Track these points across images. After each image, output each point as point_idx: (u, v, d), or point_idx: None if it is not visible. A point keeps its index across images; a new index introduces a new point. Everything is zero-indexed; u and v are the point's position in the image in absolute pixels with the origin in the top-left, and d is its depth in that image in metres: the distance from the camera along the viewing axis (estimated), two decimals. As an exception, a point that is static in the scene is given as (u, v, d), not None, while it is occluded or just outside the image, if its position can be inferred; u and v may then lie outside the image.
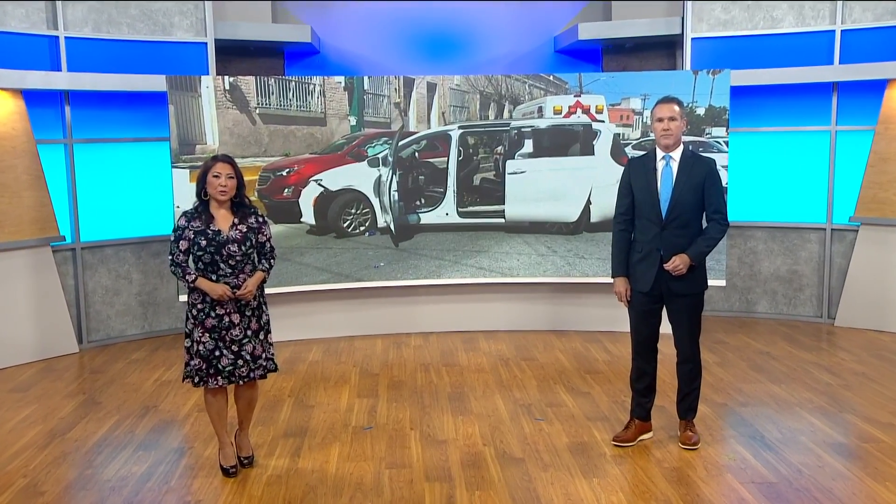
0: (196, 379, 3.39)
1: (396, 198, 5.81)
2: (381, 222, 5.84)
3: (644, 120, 5.59)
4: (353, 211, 5.77)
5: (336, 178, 5.76)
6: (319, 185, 5.71)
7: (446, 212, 5.89)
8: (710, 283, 5.59)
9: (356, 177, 5.78)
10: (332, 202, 5.77)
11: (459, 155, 5.83)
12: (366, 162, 5.76)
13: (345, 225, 5.76)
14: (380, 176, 5.75)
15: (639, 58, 6.76)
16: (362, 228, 5.83)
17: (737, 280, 6.64)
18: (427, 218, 5.88)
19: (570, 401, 4.47)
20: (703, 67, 6.10)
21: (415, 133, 5.82)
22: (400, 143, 5.77)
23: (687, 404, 3.76)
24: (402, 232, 5.86)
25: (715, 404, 4.34)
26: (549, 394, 4.60)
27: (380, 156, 5.74)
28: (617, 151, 5.70)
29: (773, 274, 6.55)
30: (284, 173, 5.70)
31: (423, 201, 5.88)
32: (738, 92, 6.12)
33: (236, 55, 6.43)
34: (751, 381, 4.77)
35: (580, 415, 4.22)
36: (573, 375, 4.98)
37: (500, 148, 5.84)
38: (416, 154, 5.82)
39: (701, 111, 5.62)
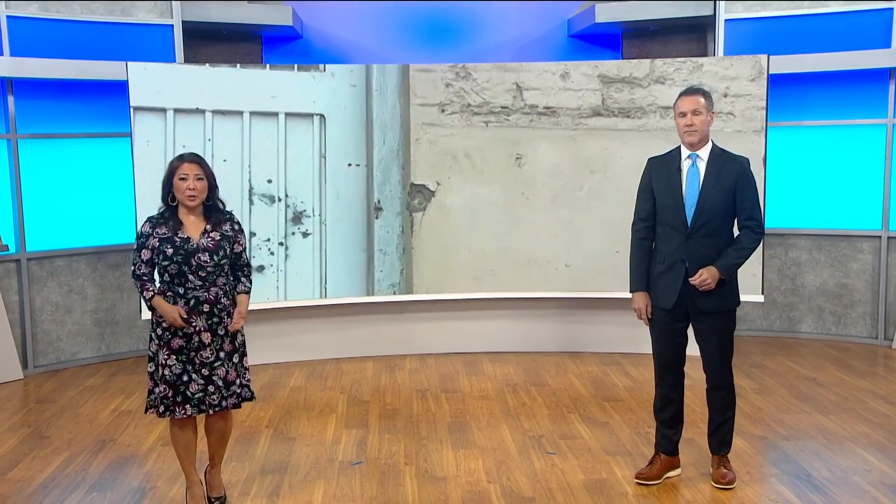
0: (161, 408, 3.42)
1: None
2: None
3: None
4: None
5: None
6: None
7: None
8: (747, 298, 5.70)
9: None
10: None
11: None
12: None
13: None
14: None
15: (664, 43, 6.83)
16: None
17: (777, 295, 6.68)
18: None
19: (586, 432, 4.50)
20: (738, 53, 6.16)
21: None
22: None
23: (720, 437, 3.78)
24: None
25: (753, 437, 4.37)
26: (563, 424, 4.64)
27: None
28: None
29: (820, 288, 6.59)
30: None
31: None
32: (778, 80, 6.17)
33: (207, 39, 6.50)
34: (794, 412, 4.81)
35: (598, 448, 4.26)
36: (589, 403, 5.01)
37: None
38: None
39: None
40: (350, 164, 5.87)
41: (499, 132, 5.94)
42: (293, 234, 5.81)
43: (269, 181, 5.74)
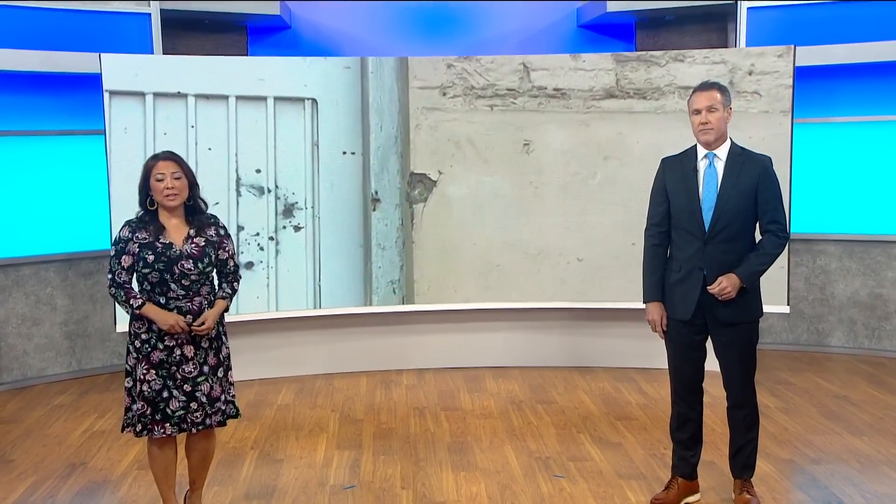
0: (139, 427, 3.44)
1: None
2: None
3: None
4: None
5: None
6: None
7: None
8: (772, 309, 5.73)
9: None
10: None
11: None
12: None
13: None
14: None
15: (681, 33, 6.85)
16: None
17: (804, 306, 6.71)
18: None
19: (597, 454, 4.53)
20: (762, 44, 6.18)
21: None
22: None
23: (742, 460, 3.79)
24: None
25: (779, 460, 4.39)
26: (572, 445, 4.67)
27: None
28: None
29: (851, 298, 6.62)
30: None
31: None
32: (805, 74, 6.19)
33: (187, 29, 6.51)
34: (824, 432, 4.83)
35: (609, 471, 4.28)
36: (601, 422, 5.04)
37: None
38: None
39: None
40: (345, 153, 5.90)
41: (505, 117, 5.96)
42: (284, 228, 5.84)
43: (258, 171, 5.77)
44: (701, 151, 3.69)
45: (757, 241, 3.69)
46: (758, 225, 3.69)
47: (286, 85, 5.78)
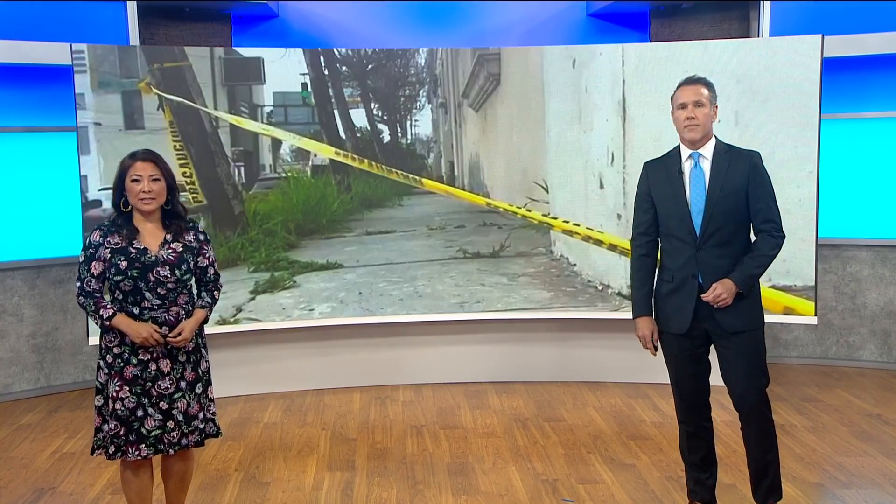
0: (111, 449, 3.44)
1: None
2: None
3: None
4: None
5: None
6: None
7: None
8: (798, 320, 5.73)
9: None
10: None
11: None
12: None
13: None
14: None
15: (699, 23, 6.84)
16: None
17: (833, 316, 6.70)
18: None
19: (608, 476, 4.52)
20: (787, 34, 6.18)
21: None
22: None
23: (766, 484, 3.75)
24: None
25: (806, 485, 4.38)
26: (581, 466, 4.66)
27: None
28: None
29: (884, 308, 6.62)
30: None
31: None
32: (833, 66, 6.19)
33: (167, 19, 6.52)
34: (855, 454, 4.82)
35: (622, 495, 4.28)
36: (613, 442, 5.04)
37: None
38: None
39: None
40: None
41: None
42: None
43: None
44: (685, 152, 3.69)
45: (752, 241, 3.68)
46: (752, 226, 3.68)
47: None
